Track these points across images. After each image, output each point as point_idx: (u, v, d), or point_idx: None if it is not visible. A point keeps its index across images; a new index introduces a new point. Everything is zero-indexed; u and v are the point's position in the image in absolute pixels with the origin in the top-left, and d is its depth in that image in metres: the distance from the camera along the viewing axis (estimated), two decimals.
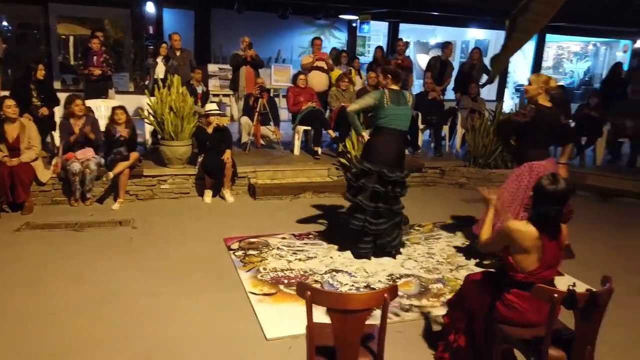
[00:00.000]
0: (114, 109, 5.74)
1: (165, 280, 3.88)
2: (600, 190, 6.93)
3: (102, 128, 5.87)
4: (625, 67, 11.96)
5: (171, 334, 3.17)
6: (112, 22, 10.74)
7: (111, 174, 5.41)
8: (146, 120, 6.35)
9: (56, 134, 6.19)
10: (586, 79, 17.68)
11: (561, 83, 11.43)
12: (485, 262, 4.44)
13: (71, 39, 10.71)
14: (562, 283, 2.42)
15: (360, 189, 4.32)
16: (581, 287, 2.28)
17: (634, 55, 13.68)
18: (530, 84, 4.14)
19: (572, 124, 7.80)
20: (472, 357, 2.80)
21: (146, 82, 7.61)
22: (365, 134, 4.46)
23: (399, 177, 4.29)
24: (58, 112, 6.40)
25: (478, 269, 4.07)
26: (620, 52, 16.95)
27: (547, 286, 2.33)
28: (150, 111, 6.07)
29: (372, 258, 4.44)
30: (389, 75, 4.31)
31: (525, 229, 2.42)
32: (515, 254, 2.47)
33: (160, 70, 7.31)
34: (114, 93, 7.64)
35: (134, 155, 5.64)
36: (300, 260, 4.38)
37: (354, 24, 13.27)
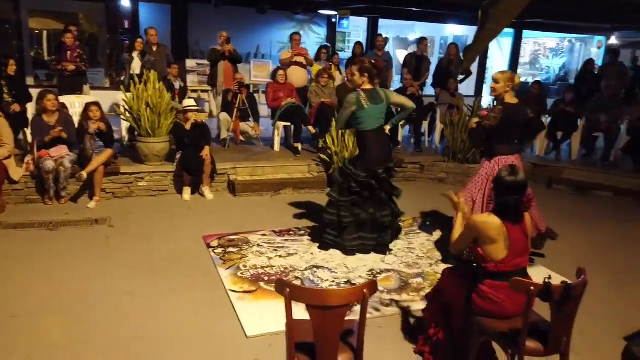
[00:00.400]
0: (87, 104, 5.61)
1: (143, 280, 3.81)
2: (576, 184, 7.07)
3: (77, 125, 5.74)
4: (600, 63, 12.20)
5: (148, 333, 3.12)
6: (87, 17, 10.49)
7: (84, 174, 5.27)
8: (122, 116, 6.23)
9: (29, 131, 6.03)
10: (562, 74, 18.00)
11: (538, 79, 11.65)
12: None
13: (44, 33, 10.45)
14: (539, 276, 2.46)
15: (350, 191, 4.29)
16: (557, 280, 2.32)
17: (608, 52, 13.95)
18: (497, 82, 4.12)
19: (548, 119, 7.94)
20: (452, 350, 2.83)
21: (122, 78, 7.47)
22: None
23: (392, 167, 4.37)
24: (31, 108, 6.24)
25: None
26: (594, 48, 17.30)
27: (523, 279, 2.37)
28: (127, 107, 5.96)
29: (356, 254, 4.45)
30: (366, 74, 4.25)
31: (488, 219, 2.51)
32: (484, 245, 2.53)
33: (136, 66, 7.18)
34: (89, 89, 7.49)
35: (108, 152, 5.53)
36: (280, 257, 4.36)
37: (333, 20, 13.25)
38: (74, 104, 6.54)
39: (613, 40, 16.05)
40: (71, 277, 3.79)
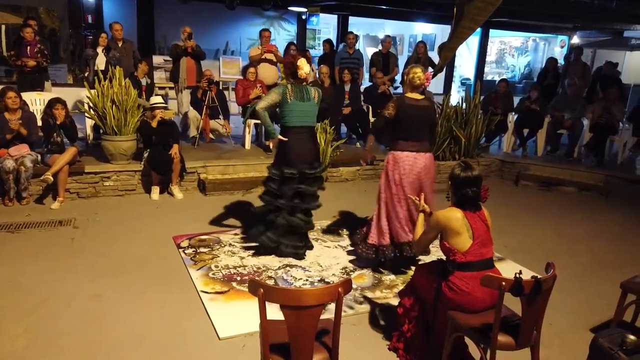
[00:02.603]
0: (51, 101, 5.40)
1: (110, 282, 3.70)
2: (542, 180, 7.25)
3: (39, 123, 5.52)
4: (563, 62, 12.58)
5: (117, 337, 3.02)
6: (48, 11, 10.13)
7: (50, 177, 5.06)
8: (86, 114, 6.04)
9: None
10: (526, 72, 18.48)
11: (504, 77, 11.91)
12: None
13: (2, 28, 10.00)
14: (508, 270, 2.49)
15: (281, 195, 4.15)
16: (527, 274, 2.35)
17: (570, 51, 14.38)
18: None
19: (515, 116, 8.11)
20: (426, 345, 2.84)
21: (86, 74, 7.23)
22: (278, 136, 4.13)
23: (319, 173, 4.22)
24: None
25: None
26: (557, 47, 17.82)
27: (493, 273, 2.42)
28: (91, 105, 5.77)
29: (326, 251, 4.43)
30: (287, 70, 4.14)
31: (450, 213, 2.61)
32: (449, 238, 2.59)
33: (100, 62, 6.97)
34: (50, 85, 7.22)
35: (71, 150, 5.33)
36: (253, 256, 4.30)
37: (303, 16, 13.20)
38: (35, 101, 6.30)
39: (575, 39, 16.56)
40: (34, 281, 3.64)
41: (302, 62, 4.06)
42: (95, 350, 2.89)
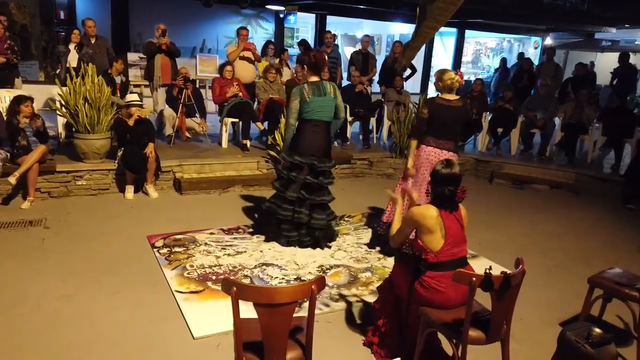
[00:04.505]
0: (17, 98, 5.23)
1: (82, 282, 3.63)
2: (515, 178, 7.39)
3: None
4: (537, 62, 12.84)
5: (89, 338, 2.97)
6: (18, 6, 9.85)
7: (13, 180, 4.85)
8: (58, 112, 5.91)
9: None
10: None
11: (479, 77, 12.10)
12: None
13: None
14: (480, 266, 2.54)
15: (291, 181, 4.30)
16: (497, 270, 2.40)
17: (543, 52, 14.70)
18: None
19: (489, 116, 8.25)
20: (400, 340, 2.87)
21: (57, 71, 7.07)
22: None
23: (328, 167, 4.36)
24: None
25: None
26: (531, 48, 18.17)
27: (464, 269, 2.45)
28: (63, 102, 5.64)
29: (302, 250, 4.44)
30: (305, 67, 4.26)
31: (425, 210, 2.62)
32: (423, 236, 2.62)
33: (73, 59, 6.82)
34: (21, 82, 7.04)
35: (40, 148, 5.17)
36: (229, 255, 4.28)
37: (281, 15, 13.17)
38: (4, 98, 6.13)
39: (548, 40, 16.92)
40: (3, 283, 3.55)
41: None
42: (66, 352, 2.84)
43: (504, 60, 13.05)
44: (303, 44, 9.17)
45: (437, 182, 2.64)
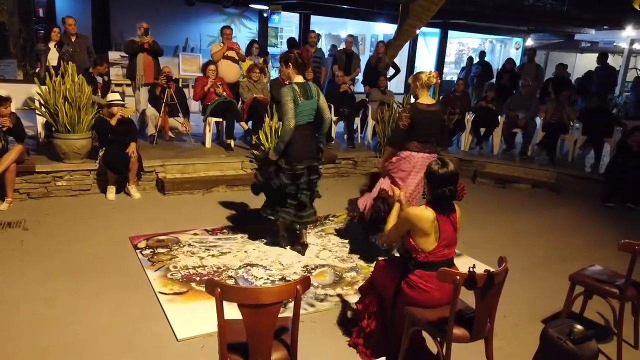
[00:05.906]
0: None
1: (62, 284, 3.57)
2: (498, 177, 7.47)
3: None
4: (518, 63, 12.97)
5: (70, 341, 2.92)
6: None
7: None
8: (37, 111, 5.79)
9: None
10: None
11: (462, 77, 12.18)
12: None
13: None
14: (464, 265, 2.55)
15: (288, 188, 4.20)
16: (481, 268, 2.42)
17: (525, 52, 14.88)
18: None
19: (472, 115, 8.33)
20: (385, 340, 2.88)
21: (37, 70, 6.93)
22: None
23: (322, 163, 4.35)
24: None
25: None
26: (513, 49, 18.40)
27: (449, 269, 2.47)
28: (42, 101, 5.54)
29: (287, 250, 4.42)
30: (291, 65, 4.04)
31: (422, 213, 2.58)
32: (416, 237, 2.60)
33: (52, 57, 6.70)
34: None
35: (17, 148, 5.06)
36: (213, 256, 4.24)
37: (264, 14, 13.11)
38: None
39: (529, 41, 17.15)
40: None
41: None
42: (46, 355, 2.79)
43: (482, 54, 12.48)
44: (291, 42, 9.16)
45: (436, 184, 2.57)
